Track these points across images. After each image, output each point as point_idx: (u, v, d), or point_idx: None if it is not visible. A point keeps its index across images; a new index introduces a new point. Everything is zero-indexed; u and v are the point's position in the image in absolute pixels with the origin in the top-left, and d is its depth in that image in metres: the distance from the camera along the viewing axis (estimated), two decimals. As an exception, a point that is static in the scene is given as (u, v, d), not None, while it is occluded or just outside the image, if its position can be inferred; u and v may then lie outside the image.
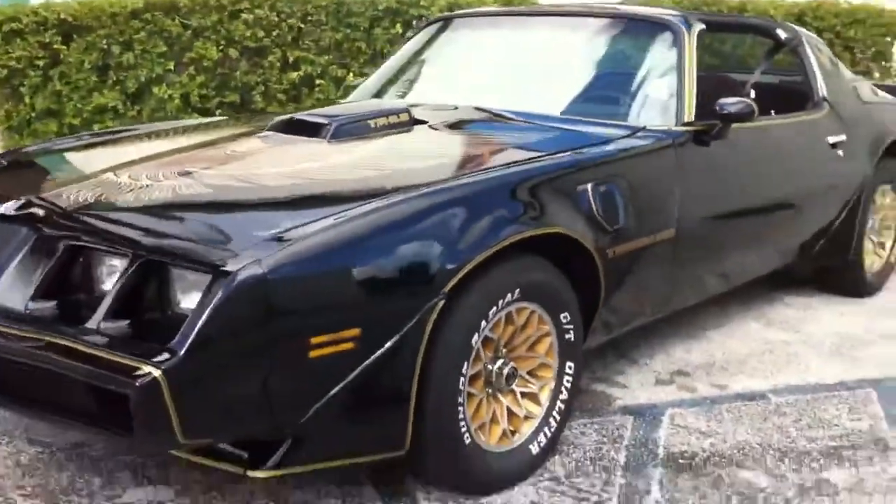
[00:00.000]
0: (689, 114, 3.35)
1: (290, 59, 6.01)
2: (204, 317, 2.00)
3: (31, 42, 5.62)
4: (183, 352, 1.98)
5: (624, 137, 3.15)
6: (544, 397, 2.74)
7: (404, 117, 3.17)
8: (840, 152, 4.13)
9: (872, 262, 4.63)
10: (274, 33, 5.95)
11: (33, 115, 5.76)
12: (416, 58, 4.20)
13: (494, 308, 2.50)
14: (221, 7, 5.86)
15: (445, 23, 4.28)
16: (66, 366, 2.06)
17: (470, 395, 2.52)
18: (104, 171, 2.66)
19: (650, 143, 3.17)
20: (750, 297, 4.38)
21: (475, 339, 2.46)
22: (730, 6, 6.93)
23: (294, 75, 6.02)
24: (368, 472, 2.67)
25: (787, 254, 4.02)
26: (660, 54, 3.53)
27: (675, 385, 3.44)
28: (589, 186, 2.82)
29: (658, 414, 3.18)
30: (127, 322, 2.12)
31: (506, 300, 2.53)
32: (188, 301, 2.16)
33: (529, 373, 2.72)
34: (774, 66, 4.39)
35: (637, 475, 2.75)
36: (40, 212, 2.40)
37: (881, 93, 4.90)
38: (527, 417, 2.71)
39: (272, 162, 2.81)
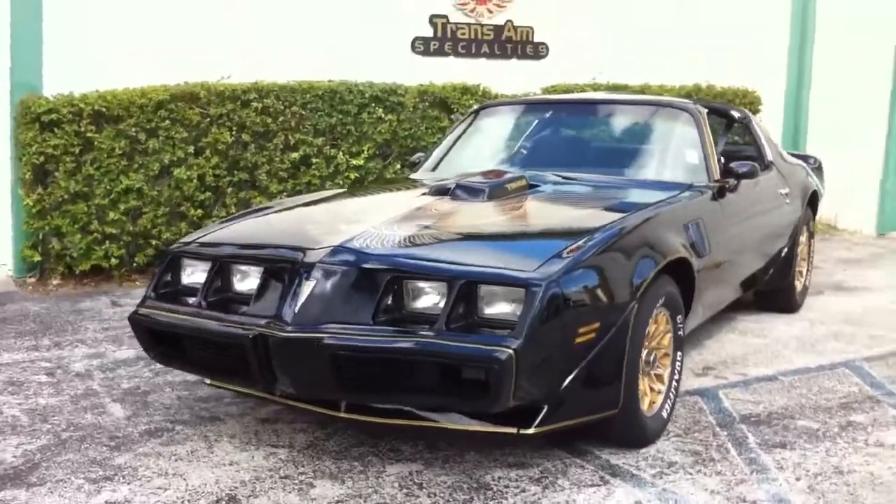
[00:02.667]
0: (716, 173, 4.57)
1: (292, 142, 6.88)
2: (531, 315, 2.97)
3: (67, 131, 6.22)
4: (523, 338, 2.93)
5: (685, 191, 4.32)
6: (666, 377, 3.80)
7: (524, 183, 4.22)
8: (787, 201, 5.50)
9: (796, 285, 6.00)
10: (280, 119, 6.81)
11: (66, 197, 6.32)
12: (467, 139, 5.23)
13: (654, 310, 3.56)
14: (235, 97, 6.67)
15: (489, 110, 5.34)
16: (438, 354, 2.96)
17: (636, 373, 3.55)
18: (361, 226, 3.52)
19: (705, 195, 4.36)
20: (715, 318, 5.58)
21: (647, 332, 3.52)
22: (633, 89, 8.36)
23: (294, 155, 6.88)
24: (546, 440, 3.60)
25: (760, 277, 5.28)
26: (685, 130, 4.75)
27: (710, 376, 4.58)
28: (690, 224, 3.98)
29: (714, 394, 4.30)
30: (456, 325, 3.05)
31: (657, 305, 3.60)
32: (492, 309, 3.11)
33: (658, 360, 3.77)
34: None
35: (731, 429, 3.85)
36: (352, 257, 3.25)
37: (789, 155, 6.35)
38: (658, 392, 3.75)
39: (473, 215, 3.78)
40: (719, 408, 4.11)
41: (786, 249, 5.57)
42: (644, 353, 3.59)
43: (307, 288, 3.19)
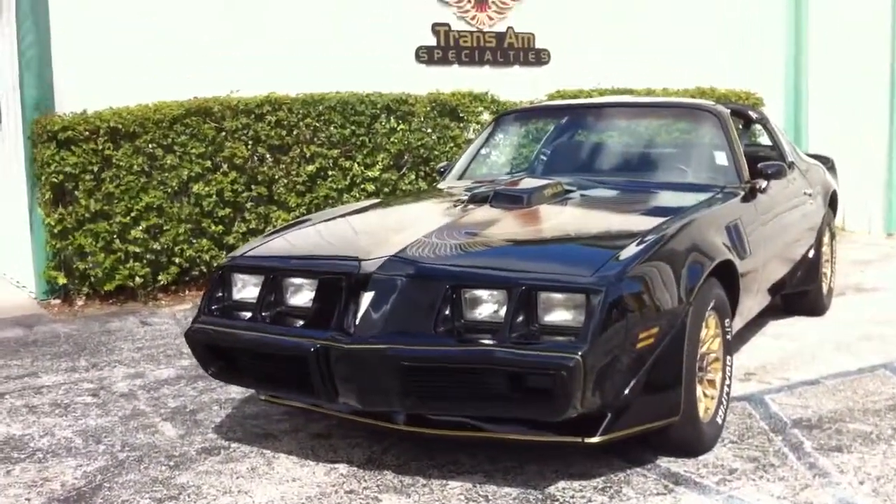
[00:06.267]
0: (746, 174, 4.57)
1: (308, 154, 6.86)
2: (594, 320, 2.97)
3: (84, 149, 6.17)
4: (588, 344, 2.92)
5: (719, 193, 4.32)
6: (718, 382, 3.79)
7: (560, 188, 4.22)
8: (811, 201, 5.51)
9: (823, 287, 6.00)
10: (294, 132, 6.80)
11: (87, 216, 6.26)
12: (490, 146, 5.23)
13: (706, 313, 3.56)
14: (249, 111, 6.65)
15: (510, 116, 5.34)
16: (506, 363, 2.95)
17: (691, 378, 3.54)
18: (410, 236, 3.51)
19: (738, 196, 4.36)
20: (746, 324, 5.58)
21: (702, 335, 3.51)
22: (637, 93, 8.39)
23: (310, 168, 6.86)
24: (602, 450, 3.57)
25: (790, 279, 5.29)
26: (711, 132, 4.76)
27: (753, 381, 4.58)
28: (730, 226, 3.98)
29: (760, 399, 4.30)
30: (517, 333, 3.03)
31: (708, 307, 3.60)
32: (552, 316, 3.10)
33: (710, 364, 3.76)
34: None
35: (784, 434, 3.84)
36: (409, 268, 3.24)
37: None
38: (711, 398, 3.74)
39: (519, 221, 3.79)
40: (769, 413, 4.10)
41: (812, 250, 5.59)
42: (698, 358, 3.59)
43: (366, 299, 3.19)
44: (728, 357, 3.87)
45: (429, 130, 7.37)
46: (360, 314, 3.17)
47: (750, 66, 9.61)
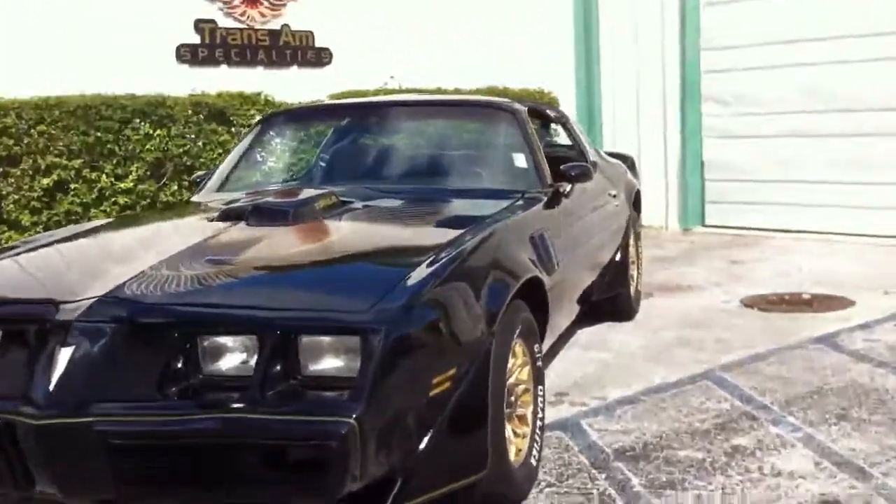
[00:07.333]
0: (548, 177, 4.00)
1: (43, 166, 5.79)
2: (371, 369, 2.24)
3: None
4: (364, 402, 2.20)
5: (519, 199, 3.71)
6: (530, 417, 3.15)
7: (334, 199, 3.48)
8: (615, 202, 5.03)
9: (630, 290, 5.56)
10: (25, 140, 5.72)
11: None
12: (256, 152, 4.42)
13: (511, 341, 2.91)
14: (-35, 118, 5.55)
15: (281, 117, 4.55)
16: (254, 434, 2.16)
17: (499, 419, 2.87)
18: (134, 268, 2.68)
19: (541, 202, 3.76)
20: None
21: (509, 366, 2.86)
22: (428, 93, 7.78)
23: (46, 181, 5.80)
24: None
25: (599, 286, 4.77)
26: (508, 131, 4.15)
27: (566, 403, 4.00)
28: (535, 236, 3.36)
29: (577, 425, 3.72)
30: (274, 391, 2.26)
31: (515, 335, 2.95)
32: (319, 365, 2.35)
33: (519, 398, 3.12)
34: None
35: (608, 469, 3.25)
36: (117, 311, 2.40)
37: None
38: (523, 436, 3.10)
39: (280, 243, 3.01)
40: (588, 444, 3.51)
41: (619, 253, 5.12)
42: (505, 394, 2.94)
43: (64, 356, 2.34)
44: (539, 387, 3.25)
45: (192, 136, 6.46)
46: (55, 376, 2.31)
47: (542, 64, 9.21)
